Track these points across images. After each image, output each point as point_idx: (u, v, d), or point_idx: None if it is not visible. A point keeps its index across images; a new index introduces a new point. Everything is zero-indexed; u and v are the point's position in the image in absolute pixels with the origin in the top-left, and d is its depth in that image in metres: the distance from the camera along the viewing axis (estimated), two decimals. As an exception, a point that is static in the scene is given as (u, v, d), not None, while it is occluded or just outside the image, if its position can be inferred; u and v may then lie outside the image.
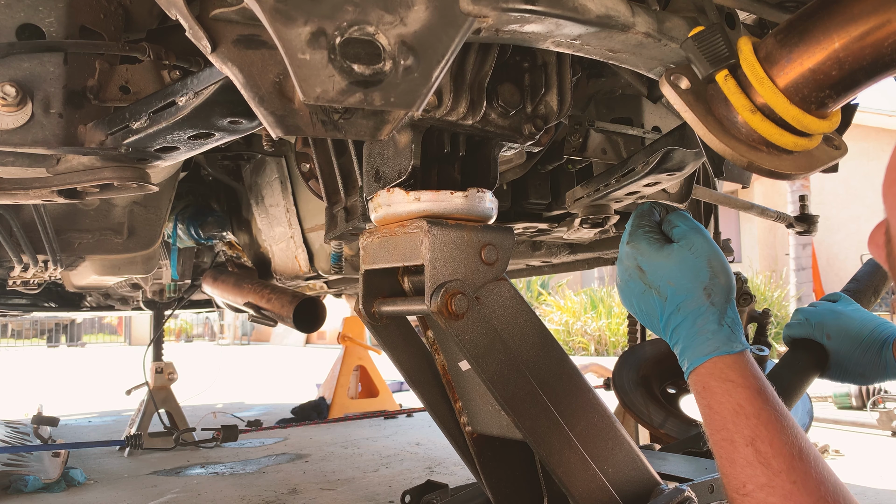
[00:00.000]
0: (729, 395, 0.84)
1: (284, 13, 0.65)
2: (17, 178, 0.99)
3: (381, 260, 1.00)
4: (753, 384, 0.85)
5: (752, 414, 0.83)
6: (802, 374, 1.34)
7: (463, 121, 0.99)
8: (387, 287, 1.05)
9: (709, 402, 0.86)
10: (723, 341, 0.87)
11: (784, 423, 0.83)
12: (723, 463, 0.83)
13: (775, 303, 11.37)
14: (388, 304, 1.02)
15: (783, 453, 0.80)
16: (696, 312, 0.89)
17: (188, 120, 0.85)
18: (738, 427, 0.82)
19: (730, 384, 0.85)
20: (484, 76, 0.98)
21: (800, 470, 0.78)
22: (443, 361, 1.07)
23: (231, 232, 2.96)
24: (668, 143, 1.38)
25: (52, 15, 0.90)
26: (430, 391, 1.14)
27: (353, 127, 0.72)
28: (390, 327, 1.10)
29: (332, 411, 5.59)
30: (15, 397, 7.43)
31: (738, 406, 0.83)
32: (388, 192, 0.97)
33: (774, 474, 0.78)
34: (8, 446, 3.88)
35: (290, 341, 20.28)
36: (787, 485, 0.78)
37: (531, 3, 0.76)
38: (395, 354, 1.12)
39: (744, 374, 0.86)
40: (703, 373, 0.87)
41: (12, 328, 22.42)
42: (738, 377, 0.85)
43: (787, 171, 0.81)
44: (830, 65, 0.75)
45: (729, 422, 0.83)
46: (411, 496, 1.29)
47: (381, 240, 1.00)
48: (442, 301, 0.88)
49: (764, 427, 0.82)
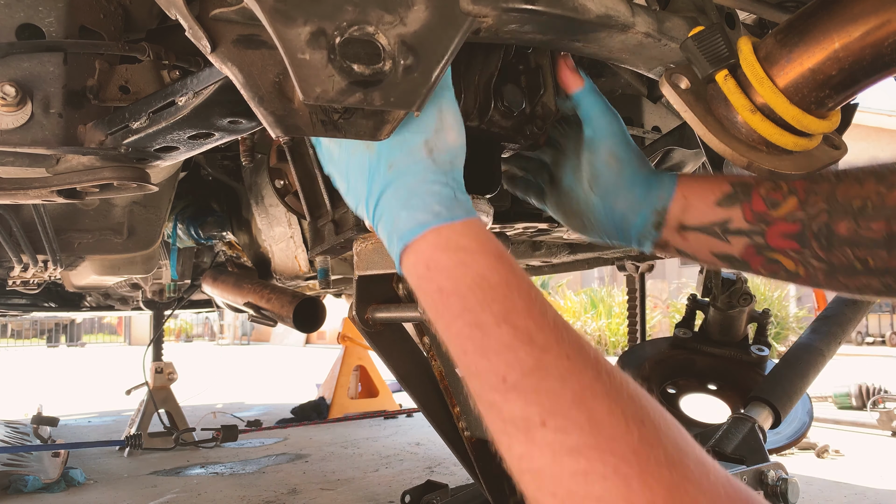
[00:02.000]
0: (465, 267, 0.65)
1: (284, 13, 0.65)
2: (16, 178, 0.99)
3: (374, 266, 0.99)
4: (493, 249, 0.67)
5: (499, 283, 0.64)
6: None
7: (469, 122, 0.98)
8: (381, 293, 1.05)
9: (438, 284, 0.65)
10: (449, 205, 0.68)
11: (539, 294, 0.65)
12: (470, 361, 0.62)
13: (775, 303, 11.38)
14: (382, 311, 1.02)
15: (548, 325, 0.62)
16: (413, 171, 0.70)
17: (188, 120, 0.85)
18: (485, 303, 0.63)
19: (463, 253, 0.66)
20: (490, 76, 0.98)
21: (572, 342, 0.61)
22: (440, 367, 1.06)
23: (231, 232, 2.96)
24: (667, 142, 1.38)
25: (51, 15, 0.90)
26: (427, 396, 1.13)
27: (353, 127, 0.72)
28: (385, 333, 1.09)
29: (331, 411, 5.59)
30: (15, 397, 7.43)
31: (479, 277, 0.64)
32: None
33: (542, 352, 0.60)
34: (8, 446, 3.87)
35: (290, 341, 20.28)
36: (562, 362, 0.59)
37: (531, 3, 0.76)
38: (391, 360, 1.11)
39: (479, 240, 0.67)
40: (425, 247, 0.67)
41: (12, 328, 22.42)
42: (472, 243, 0.67)
43: (787, 171, 0.81)
44: (830, 65, 0.75)
45: (471, 300, 0.63)
46: (411, 496, 1.29)
47: (375, 246, 0.99)
48: None
49: (518, 297, 0.63)
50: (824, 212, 0.84)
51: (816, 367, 2.01)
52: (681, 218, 0.93)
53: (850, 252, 0.82)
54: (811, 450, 3.98)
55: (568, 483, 0.54)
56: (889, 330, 14.45)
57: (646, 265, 2.75)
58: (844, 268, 0.84)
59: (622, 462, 0.54)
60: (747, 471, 1.51)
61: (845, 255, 0.83)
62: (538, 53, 1.04)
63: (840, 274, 0.85)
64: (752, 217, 0.88)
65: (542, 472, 0.56)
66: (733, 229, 0.90)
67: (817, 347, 2.04)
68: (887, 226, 0.79)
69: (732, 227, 0.90)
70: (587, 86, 0.97)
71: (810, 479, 3.41)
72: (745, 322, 2.34)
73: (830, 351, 2.06)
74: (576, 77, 0.97)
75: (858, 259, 0.82)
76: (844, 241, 0.83)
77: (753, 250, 0.90)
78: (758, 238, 0.89)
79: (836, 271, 0.85)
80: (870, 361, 10.42)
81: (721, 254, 0.92)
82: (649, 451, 0.55)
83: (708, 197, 0.91)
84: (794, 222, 0.86)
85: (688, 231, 0.93)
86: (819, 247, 0.85)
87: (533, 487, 0.57)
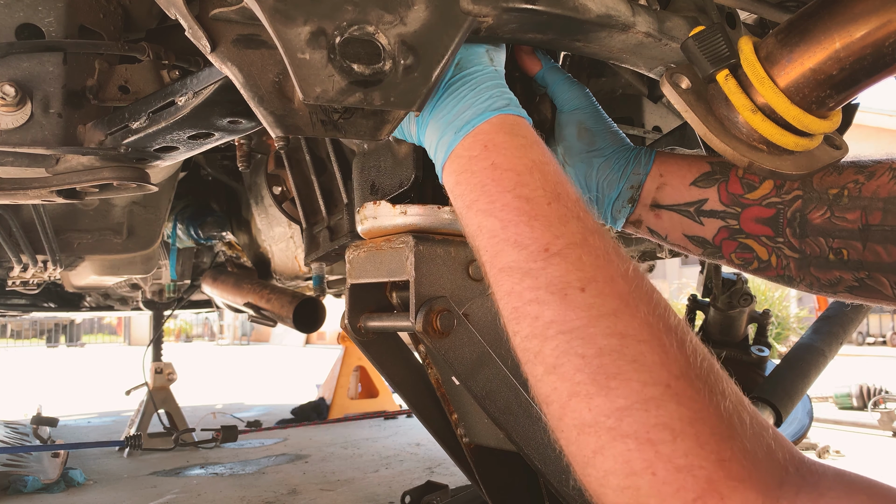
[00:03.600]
0: (525, 150, 0.66)
1: (284, 13, 0.65)
2: (16, 178, 0.99)
3: (367, 274, 0.98)
4: (549, 151, 0.69)
5: (554, 172, 0.66)
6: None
7: None
8: (374, 301, 1.03)
9: (493, 160, 0.66)
10: (513, 102, 0.72)
11: (585, 200, 0.67)
12: (512, 232, 0.62)
13: (775, 303, 11.37)
14: (375, 320, 1.01)
15: (594, 218, 0.65)
16: (481, 70, 0.74)
17: (187, 120, 0.85)
18: (540, 181, 0.64)
19: (525, 140, 0.68)
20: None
21: (609, 237, 0.63)
22: (436, 375, 1.05)
23: (231, 232, 2.96)
24: (668, 142, 1.38)
25: (51, 15, 0.90)
26: (424, 404, 1.11)
27: (352, 127, 0.71)
28: (378, 342, 1.07)
29: (331, 412, 5.59)
30: (14, 397, 7.42)
31: (537, 161, 0.66)
32: (375, 204, 0.95)
33: (590, 232, 0.62)
34: (7, 447, 3.87)
35: (290, 341, 20.28)
36: (607, 243, 0.61)
37: (531, 3, 0.75)
38: (385, 369, 1.09)
39: (535, 137, 0.69)
40: (488, 128, 0.68)
41: (12, 328, 22.42)
42: (532, 136, 0.69)
43: (788, 171, 0.81)
44: (831, 64, 0.74)
45: (525, 177, 0.64)
46: (411, 497, 1.29)
47: (367, 254, 0.98)
48: (427, 319, 0.87)
49: (570, 187, 0.65)
50: (799, 198, 0.83)
51: (817, 367, 2.01)
52: (655, 195, 0.93)
53: (823, 242, 0.81)
54: (812, 450, 3.98)
55: (601, 342, 0.54)
56: (890, 330, 14.45)
57: (646, 265, 2.74)
58: (817, 259, 0.83)
59: (661, 332, 0.55)
60: (748, 471, 1.50)
61: (818, 244, 0.82)
62: (532, 60, 1.04)
63: (812, 265, 0.84)
64: (728, 199, 0.88)
65: (575, 332, 0.56)
66: (707, 210, 0.89)
67: (818, 348, 2.04)
68: (863, 216, 0.78)
69: (706, 208, 0.89)
70: (547, 65, 0.97)
71: (810, 479, 3.40)
72: (745, 322, 2.34)
73: (832, 351, 2.06)
74: (533, 60, 0.98)
75: (832, 249, 0.81)
76: (818, 229, 0.82)
77: (726, 233, 0.89)
78: (731, 221, 0.88)
79: (809, 262, 0.84)
80: (870, 362, 10.42)
81: (693, 236, 0.92)
82: (685, 334, 0.56)
83: (685, 176, 0.91)
84: (769, 207, 0.85)
85: (661, 209, 0.93)
86: (792, 234, 0.84)
87: (558, 353, 0.56)
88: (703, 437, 0.49)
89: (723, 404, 0.51)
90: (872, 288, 0.81)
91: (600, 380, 0.53)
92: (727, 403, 0.52)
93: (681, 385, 0.52)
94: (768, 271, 0.88)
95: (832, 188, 0.81)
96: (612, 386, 0.52)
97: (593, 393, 0.53)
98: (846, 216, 0.80)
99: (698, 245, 0.92)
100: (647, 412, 0.50)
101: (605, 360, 0.53)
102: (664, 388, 0.51)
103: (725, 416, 0.51)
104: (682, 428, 0.49)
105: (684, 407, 0.50)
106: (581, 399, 0.53)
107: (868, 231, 0.78)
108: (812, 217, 0.82)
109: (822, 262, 0.83)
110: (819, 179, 0.83)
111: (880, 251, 0.78)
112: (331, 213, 1.60)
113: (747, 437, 0.50)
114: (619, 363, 0.53)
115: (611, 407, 0.52)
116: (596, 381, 0.53)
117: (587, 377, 0.54)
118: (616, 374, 0.53)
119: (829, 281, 0.84)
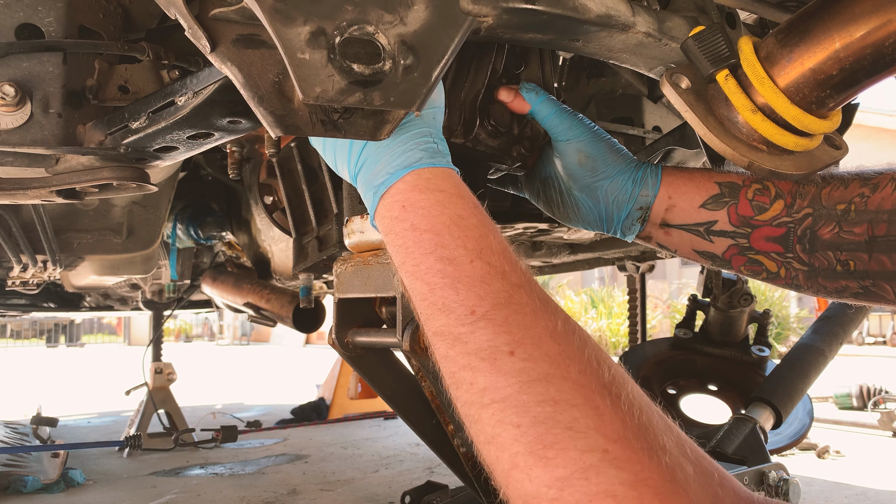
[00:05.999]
0: (442, 207, 0.65)
1: (284, 13, 0.64)
2: (16, 178, 0.99)
3: (354, 290, 0.97)
4: (470, 197, 0.67)
5: (476, 225, 0.64)
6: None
7: (454, 139, 0.96)
8: (362, 316, 1.02)
9: (413, 222, 0.65)
10: (430, 152, 0.70)
11: (510, 245, 0.66)
12: (438, 296, 0.61)
13: (775, 303, 11.37)
14: (362, 335, 0.99)
15: (520, 270, 0.63)
16: (401, 124, 0.72)
17: (187, 120, 0.85)
18: (460, 240, 0.63)
19: (441, 194, 0.66)
20: (476, 94, 0.96)
21: (542, 293, 0.62)
22: (430, 387, 1.03)
23: (230, 232, 2.96)
24: (668, 142, 1.38)
25: (51, 14, 0.90)
26: (418, 416, 1.10)
27: (352, 127, 0.71)
28: (368, 356, 1.06)
29: (331, 412, 5.59)
30: (14, 398, 7.42)
31: (456, 217, 0.64)
32: (363, 218, 0.94)
33: (516, 288, 0.60)
34: (7, 447, 3.87)
35: (290, 341, 20.28)
36: (534, 301, 0.60)
37: (531, 3, 0.75)
38: (377, 383, 1.07)
39: (458, 186, 0.68)
40: (403, 188, 0.67)
41: (11, 328, 22.40)
42: (451, 188, 0.67)
43: (788, 172, 0.81)
44: (831, 64, 0.74)
45: (445, 237, 0.63)
46: (411, 497, 1.28)
47: (355, 269, 0.96)
48: (414, 337, 0.85)
49: (493, 239, 0.64)
50: (809, 216, 0.84)
51: (818, 367, 2.01)
52: (665, 216, 0.93)
53: (832, 255, 0.82)
54: (812, 450, 3.98)
55: (535, 410, 0.54)
56: (890, 330, 14.45)
57: (646, 265, 2.74)
58: (825, 270, 0.84)
59: (594, 393, 0.54)
60: (748, 471, 1.50)
61: (827, 258, 0.83)
62: (528, 71, 1.03)
63: (820, 276, 0.85)
64: (738, 221, 0.88)
65: (507, 401, 0.55)
66: (717, 230, 0.90)
67: (819, 348, 2.04)
68: (869, 229, 0.79)
69: (716, 229, 0.89)
70: (536, 102, 0.96)
71: (811, 479, 3.41)
72: (745, 322, 2.34)
73: (832, 351, 2.06)
74: (520, 102, 0.97)
75: (840, 262, 0.82)
76: (827, 244, 0.82)
77: (736, 251, 0.89)
78: (741, 240, 0.88)
79: (817, 273, 0.85)
80: (870, 362, 10.42)
81: (703, 251, 0.92)
82: (620, 388, 0.55)
83: (694, 198, 0.91)
84: (779, 226, 0.86)
85: (671, 228, 0.93)
86: (802, 250, 0.85)
87: (493, 422, 0.55)
88: (645, 499, 0.49)
89: (664, 460, 0.51)
90: (876, 294, 0.82)
91: (538, 450, 0.52)
92: (667, 459, 0.51)
93: (618, 448, 0.51)
94: (777, 280, 0.90)
95: (840, 203, 0.82)
96: (550, 456, 0.52)
97: (532, 464, 0.52)
98: (854, 230, 0.81)
99: (707, 259, 0.93)
100: (587, 481, 0.50)
101: (541, 429, 0.53)
102: (602, 454, 0.51)
103: (668, 472, 0.50)
104: (625, 493, 0.49)
105: (624, 471, 0.50)
106: (521, 471, 0.53)
107: (874, 242, 0.79)
108: (822, 233, 0.83)
109: (829, 273, 0.84)
110: (827, 195, 0.84)
111: (885, 260, 0.79)
112: (320, 223, 1.59)
113: (692, 491, 0.50)
114: (554, 431, 0.52)
115: (550, 477, 0.51)
116: (534, 452, 0.52)
117: (524, 448, 0.53)
118: (552, 444, 0.52)
119: (836, 289, 0.85)
